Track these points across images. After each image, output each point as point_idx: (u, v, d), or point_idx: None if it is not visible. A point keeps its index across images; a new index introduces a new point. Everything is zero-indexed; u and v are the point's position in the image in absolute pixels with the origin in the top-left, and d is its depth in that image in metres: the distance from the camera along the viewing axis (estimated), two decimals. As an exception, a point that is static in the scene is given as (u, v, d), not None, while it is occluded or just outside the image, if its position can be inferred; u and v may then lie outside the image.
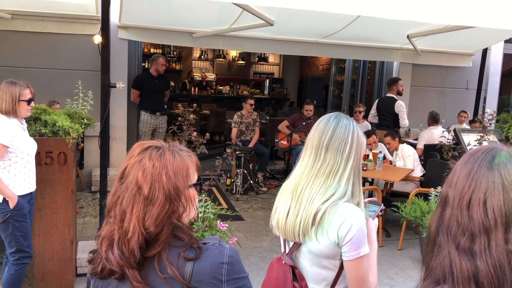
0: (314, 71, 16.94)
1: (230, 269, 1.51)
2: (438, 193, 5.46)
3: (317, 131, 2.06)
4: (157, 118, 8.52)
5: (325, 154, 2.01)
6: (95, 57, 6.90)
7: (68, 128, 4.42)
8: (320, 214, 1.95)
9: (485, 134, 5.78)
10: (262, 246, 6.06)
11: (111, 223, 1.50)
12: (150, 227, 1.45)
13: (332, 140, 2.01)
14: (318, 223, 1.96)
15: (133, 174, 1.48)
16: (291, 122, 9.18)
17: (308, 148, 2.07)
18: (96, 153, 7.24)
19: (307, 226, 1.98)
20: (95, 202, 7.32)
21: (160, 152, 1.52)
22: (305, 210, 1.99)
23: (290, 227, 2.04)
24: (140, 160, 1.50)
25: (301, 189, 2.03)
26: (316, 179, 2.01)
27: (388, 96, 8.59)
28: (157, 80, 8.55)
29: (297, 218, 2.01)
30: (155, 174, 1.48)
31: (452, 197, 1.23)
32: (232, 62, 17.87)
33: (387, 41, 8.63)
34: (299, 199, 2.03)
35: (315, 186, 2.00)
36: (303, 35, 8.28)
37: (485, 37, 8.13)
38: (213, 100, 14.72)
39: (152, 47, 15.68)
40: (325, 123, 2.05)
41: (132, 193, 1.47)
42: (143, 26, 7.62)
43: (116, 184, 1.51)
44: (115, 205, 1.49)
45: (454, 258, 1.18)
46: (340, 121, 2.05)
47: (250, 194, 8.39)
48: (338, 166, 2.00)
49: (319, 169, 2.01)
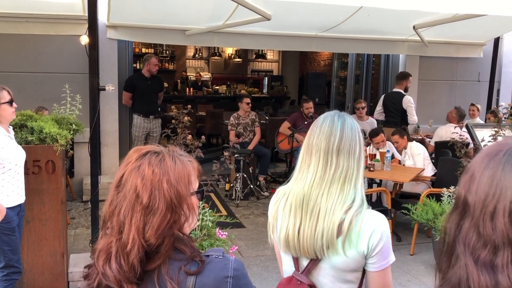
0: (315, 67, 16.95)
1: (235, 284, 1.48)
2: (451, 194, 5.45)
3: (322, 133, 1.98)
4: (151, 121, 8.52)
5: (337, 158, 1.95)
6: (83, 59, 6.88)
7: (55, 134, 4.43)
8: (346, 224, 1.89)
9: (500, 129, 5.77)
10: (264, 254, 6.05)
11: (108, 235, 1.48)
12: (150, 238, 1.43)
13: (342, 143, 1.95)
14: (346, 235, 1.89)
15: (131, 182, 1.46)
16: (292, 122, 9.17)
17: (314, 153, 1.98)
18: (87, 160, 7.21)
19: (331, 239, 1.91)
20: (87, 212, 7.31)
21: (160, 158, 1.51)
22: (326, 222, 1.91)
23: (308, 243, 1.94)
24: (139, 166, 1.48)
25: (315, 200, 1.94)
26: (331, 187, 1.94)
27: (395, 91, 8.58)
28: (149, 81, 8.56)
29: (315, 232, 1.92)
30: (155, 181, 1.46)
31: (472, 205, 1.18)
32: (228, 60, 17.88)
33: (392, 33, 8.63)
34: (314, 211, 1.94)
35: (332, 195, 1.93)
36: (302, 29, 8.28)
37: (496, 25, 8.11)
38: (209, 101, 14.75)
39: (144, 47, 15.71)
40: (330, 124, 1.99)
41: (130, 202, 1.45)
42: (133, 25, 7.61)
43: (112, 193, 1.49)
44: (112, 215, 1.47)
45: (472, 272, 1.14)
46: (345, 121, 2.00)
47: (250, 200, 8.39)
48: (352, 170, 1.95)
49: (333, 176, 1.94)
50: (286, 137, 9.06)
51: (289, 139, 8.94)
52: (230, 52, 17.82)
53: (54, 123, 4.66)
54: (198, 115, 12.94)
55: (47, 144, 4.45)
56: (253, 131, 9.14)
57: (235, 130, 9.01)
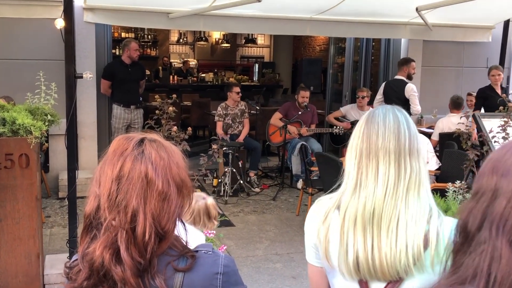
0: (310, 52, 17.00)
1: (225, 280, 1.53)
2: (457, 189, 5.52)
3: (389, 131, 1.84)
4: (132, 112, 8.56)
5: (410, 161, 1.82)
6: (58, 45, 6.90)
7: (29, 126, 4.46)
8: (434, 234, 1.77)
9: (509, 119, 5.83)
10: (255, 255, 6.13)
11: (107, 230, 1.50)
12: (167, 224, 1.50)
13: (411, 142, 1.84)
14: (435, 247, 1.77)
15: (138, 169, 1.51)
16: (284, 113, 9.22)
17: (382, 156, 1.83)
18: (63, 154, 7.24)
19: (417, 253, 1.77)
20: (63, 210, 7.35)
21: (158, 142, 1.58)
22: (410, 235, 1.78)
23: (387, 262, 1.79)
24: (141, 152, 1.54)
25: (391, 213, 1.80)
26: (409, 194, 1.81)
27: (397, 79, 8.62)
28: (130, 68, 8.59)
29: (396, 248, 1.78)
30: (165, 166, 1.53)
31: (505, 186, 1.24)
32: (216, 45, 17.92)
33: (393, 15, 8.68)
34: (391, 226, 1.79)
35: (411, 205, 1.80)
36: (296, 12, 8.31)
37: (506, 6, 8.15)
38: (195, 90, 14.79)
39: (123, 31, 15.75)
40: (395, 120, 1.86)
41: (142, 190, 1.50)
42: (112, 7, 7.63)
43: (108, 186, 1.51)
44: (114, 208, 1.50)
45: (503, 254, 1.18)
46: (406, 116, 1.88)
47: (240, 196, 8.46)
48: (424, 171, 1.84)
49: (409, 181, 1.81)
50: (278, 129, 9.10)
51: (281, 131, 8.99)
52: (218, 37, 17.86)
53: (28, 113, 4.68)
54: (183, 105, 12.96)
55: (20, 136, 4.48)
56: (242, 122, 9.19)
57: (223, 121, 9.05)
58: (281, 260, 5.99)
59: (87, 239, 1.53)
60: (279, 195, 8.52)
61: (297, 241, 6.47)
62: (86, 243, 1.53)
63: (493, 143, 5.97)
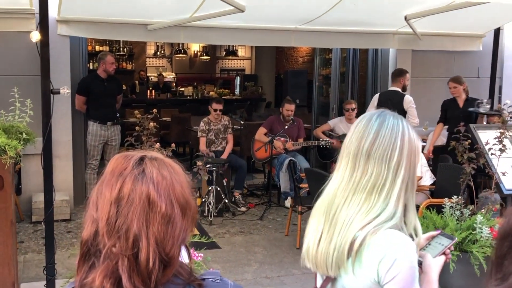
0: (293, 64, 17.06)
1: None
2: (454, 204, 5.52)
3: (355, 133, 1.96)
4: (109, 128, 8.48)
5: (365, 163, 1.91)
6: (31, 59, 6.85)
7: (4, 145, 4.38)
8: (358, 242, 1.84)
9: (506, 130, 5.87)
10: (244, 278, 6.08)
11: (107, 258, 1.44)
12: (172, 250, 1.44)
13: (375, 145, 1.91)
14: (356, 255, 1.85)
15: (139, 191, 1.44)
16: (268, 128, 9.21)
17: (345, 156, 1.97)
18: (36, 174, 7.16)
19: (341, 257, 1.88)
20: (37, 234, 7.25)
21: (159, 160, 1.52)
22: (340, 236, 1.88)
23: (322, 257, 1.93)
24: (142, 172, 1.48)
25: (336, 209, 1.93)
26: (355, 195, 1.91)
27: (393, 90, 8.65)
28: (106, 82, 8.53)
29: (330, 245, 1.90)
30: (168, 186, 1.47)
31: None
32: (194, 58, 17.94)
33: (381, 25, 8.74)
34: (334, 221, 1.92)
35: (354, 205, 1.90)
36: (280, 22, 8.34)
37: (496, 15, 8.24)
38: (174, 105, 14.78)
39: (98, 44, 15.73)
40: (366, 123, 1.95)
41: (143, 213, 1.43)
42: (87, 19, 7.59)
43: (107, 209, 1.45)
44: (114, 233, 1.43)
45: None
46: (385, 120, 1.94)
47: (225, 216, 8.40)
48: (385, 179, 1.89)
49: (358, 183, 1.91)
50: (263, 145, 9.08)
51: (266, 147, 8.97)
52: (197, 49, 17.88)
53: (2, 132, 4.61)
54: (161, 121, 12.91)
55: (-7, 156, 4.41)
56: (225, 138, 9.15)
57: (206, 137, 9.01)
58: (272, 283, 5.93)
59: (84, 268, 1.47)
60: (267, 214, 8.48)
61: (288, 263, 6.41)
62: (84, 273, 1.46)
63: (490, 155, 6.00)
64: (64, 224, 7.73)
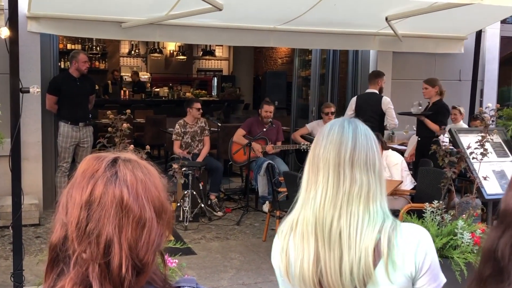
0: (271, 66, 17.10)
1: None
2: (434, 209, 5.53)
3: (330, 143, 1.93)
4: (81, 129, 8.39)
5: (351, 172, 1.88)
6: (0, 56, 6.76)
7: (-31, 146, 4.31)
8: (385, 244, 1.82)
9: (487, 134, 5.90)
10: (220, 285, 6.04)
11: (77, 264, 1.39)
12: (145, 255, 1.39)
13: (356, 153, 1.90)
14: (387, 257, 1.82)
15: (112, 193, 1.39)
16: (247, 129, 9.18)
17: (321, 167, 1.91)
18: (4, 177, 7.04)
19: (368, 268, 1.82)
20: (4, 240, 7.15)
21: (133, 162, 1.48)
22: (355, 250, 1.83)
23: (333, 280, 1.85)
24: (115, 174, 1.43)
25: (330, 224, 1.86)
26: (349, 206, 1.87)
27: (371, 92, 8.68)
28: (78, 82, 8.44)
29: (341, 266, 1.84)
30: (142, 188, 1.42)
31: None
32: (170, 57, 17.88)
33: (362, 26, 8.76)
34: (332, 237, 1.86)
35: (355, 216, 1.86)
36: (258, 22, 8.33)
37: (478, 16, 8.29)
38: (149, 106, 14.71)
39: (69, 42, 15.61)
40: (339, 131, 1.93)
41: (115, 216, 1.38)
42: (59, 16, 7.51)
43: (77, 212, 1.40)
44: (85, 238, 1.38)
45: None
46: (357, 127, 1.95)
47: (201, 221, 8.35)
48: (375, 185, 1.90)
49: (349, 193, 1.87)
50: (241, 147, 9.05)
51: (245, 149, 8.93)
52: (173, 49, 17.81)
53: (-33, 132, 4.54)
54: (135, 122, 12.83)
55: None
56: (202, 140, 9.10)
57: (181, 140, 8.95)
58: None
59: (52, 275, 1.42)
60: (244, 219, 8.44)
61: (265, 269, 6.38)
62: (52, 280, 1.41)
63: (471, 160, 6.03)
64: (33, 229, 7.62)
